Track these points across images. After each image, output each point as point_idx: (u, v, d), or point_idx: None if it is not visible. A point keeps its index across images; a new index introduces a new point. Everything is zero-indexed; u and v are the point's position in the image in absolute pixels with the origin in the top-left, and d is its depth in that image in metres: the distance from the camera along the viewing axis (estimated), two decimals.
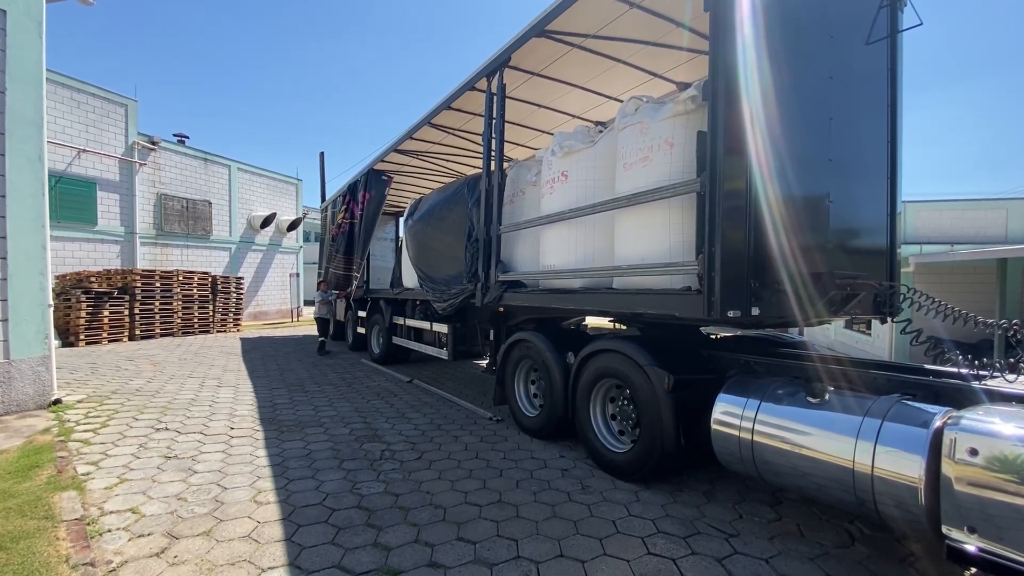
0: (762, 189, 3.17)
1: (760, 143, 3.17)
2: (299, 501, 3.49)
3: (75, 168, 12.89)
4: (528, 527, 3.20)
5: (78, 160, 12.96)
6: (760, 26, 3.21)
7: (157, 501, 3.44)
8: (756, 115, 3.15)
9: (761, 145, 3.17)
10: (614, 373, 4.12)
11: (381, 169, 9.59)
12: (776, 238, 3.26)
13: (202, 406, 6.09)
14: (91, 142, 13.24)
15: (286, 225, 19.81)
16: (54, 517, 3.10)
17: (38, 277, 5.62)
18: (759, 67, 3.18)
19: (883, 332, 11.88)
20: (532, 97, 6.34)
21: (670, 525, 3.26)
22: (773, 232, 3.24)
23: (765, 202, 3.19)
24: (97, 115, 13.42)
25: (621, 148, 4.05)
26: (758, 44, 3.18)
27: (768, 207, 3.20)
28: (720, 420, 3.34)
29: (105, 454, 4.33)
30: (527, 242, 5.41)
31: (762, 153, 3.18)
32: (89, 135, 13.22)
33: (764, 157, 3.19)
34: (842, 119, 3.75)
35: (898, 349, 11.31)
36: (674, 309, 3.47)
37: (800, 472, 2.88)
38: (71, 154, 12.79)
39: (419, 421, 5.63)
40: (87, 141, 13.14)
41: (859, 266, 3.83)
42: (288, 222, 19.86)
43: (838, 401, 2.88)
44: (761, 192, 3.17)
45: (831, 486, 2.74)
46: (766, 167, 3.21)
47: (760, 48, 3.19)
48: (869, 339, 12.79)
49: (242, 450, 4.53)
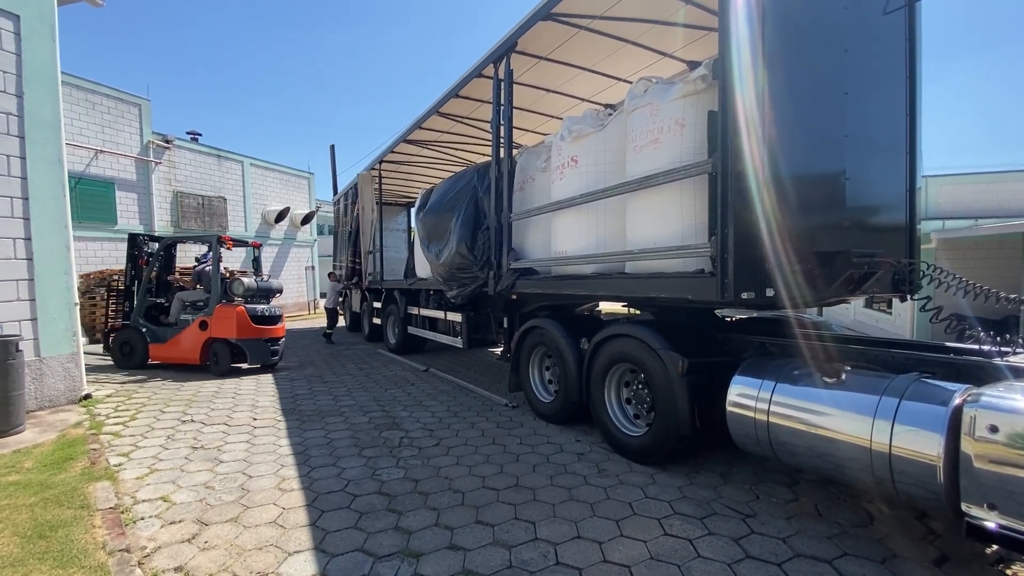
0: (775, 168, 3.12)
1: (773, 121, 3.11)
2: (322, 488, 3.59)
3: (93, 169, 13.13)
4: (545, 510, 3.24)
5: (96, 161, 13.19)
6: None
7: (186, 490, 3.56)
8: (768, 92, 3.08)
9: (774, 123, 3.11)
10: (628, 358, 4.12)
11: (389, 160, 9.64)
12: (791, 217, 3.22)
13: (225, 398, 6.25)
14: (107, 143, 13.45)
15: (300, 219, 19.99)
16: (89, 506, 3.23)
17: (63, 276, 5.77)
18: (770, 43, 3.10)
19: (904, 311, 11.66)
20: (540, 82, 6.28)
21: (687, 507, 3.28)
22: (787, 211, 3.19)
23: (779, 181, 3.14)
24: (112, 116, 13.61)
25: (631, 131, 4.00)
26: (768, 19, 3.10)
27: (782, 186, 3.15)
28: (735, 402, 3.33)
29: (135, 446, 4.48)
30: (538, 229, 5.40)
31: (775, 131, 3.12)
32: (105, 136, 13.42)
33: (777, 135, 3.13)
34: (858, 93, 3.65)
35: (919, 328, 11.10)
36: (687, 292, 3.46)
37: (817, 452, 2.88)
38: (89, 155, 13.02)
39: (436, 409, 5.71)
40: (103, 142, 13.36)
41: (877, 244, 3.76)
42: (302, 216, 20.03)
43: (855, 380, 2.86)
44: (774, 171, 3.12)
45: (849, 466, 2.73)
46: (779, 145, 3.15)
47: (771, 23, 3.12)
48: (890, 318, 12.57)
49: (265, 439, 4.65)
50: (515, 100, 5.58)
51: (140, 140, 14.29)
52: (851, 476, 2.76)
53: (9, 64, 5.36)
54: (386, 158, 9.63)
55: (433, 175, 10.84)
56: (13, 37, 5.40)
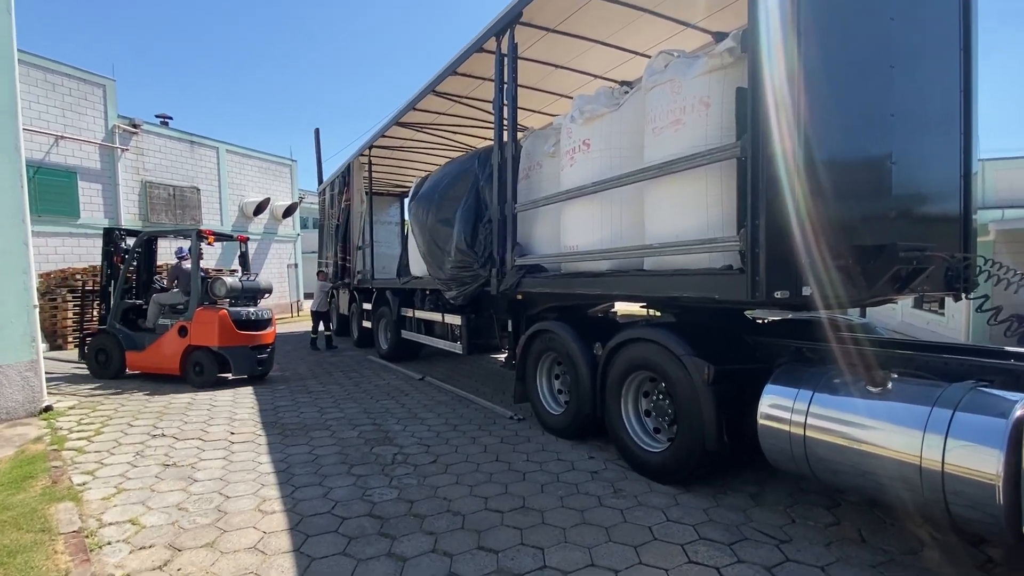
0: (812, 151, 3.10)
1: (809, 98, 3.09)
2: (307, 509, 3.61)
3: (53, 157, 13.25)
4: (555, 534, 3.25)
5: (56, 148, 13.31)
6: None
7: (157, 511, 3.59)
8: (804, 66, 3.06)
9: (810, 101, 3.09)
10: (647, 364, 4.12)
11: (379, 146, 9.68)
12: (829, 207, 3.20)
13: (200, 410, 6.29)
14: (69, 127, 13.57)
15: (281, 211, 20.11)
16: (51, 530, 3.26)
17: (21, 276, 5.83)
18: (806, 10, 3.08)
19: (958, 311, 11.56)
20: (547, 57, 6.27)
21: (713, 531, 3.28)
22: (826, 200, 3.17)
23: (816, 166, 3.12)
24: (74, 98, 13.73)
25: (650, 110, 4.00)
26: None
27: (819, 172, 3.13)
28: (768, 414, 3.32)
29: (101, 463, 4.52)
30: (546, 221, 5.40)
31: (811, 110, 3.10)
32: (67, 120, 13.54)
33: (814, 114, 3.11)
34: (906, 66, 3.63)
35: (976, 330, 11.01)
36: (714, 291, 3.45)
37: (860, 470, 2.86)
38: (48, 142, 13.14)
39: (433, 422, 5.73)
40: (65, 127, 13.47)
41: (928, 236, 3.73)
42: (283, 207, 20.15)
43: (903, 390, 2.84)
44: (811, 155, 3.10)
45: (895, 485, 2.71)
46: (816, 126, 3.13)
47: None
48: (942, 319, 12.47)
49: (244, 456, 4.68)
50: (520, 77, 5.59)
51: (105, 125, 14.41)
52: (898, 497, 2.75)
53: None
54: (376, 143, 9.66)
55: (429, 162, 10.87)
56: None
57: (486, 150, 6.37)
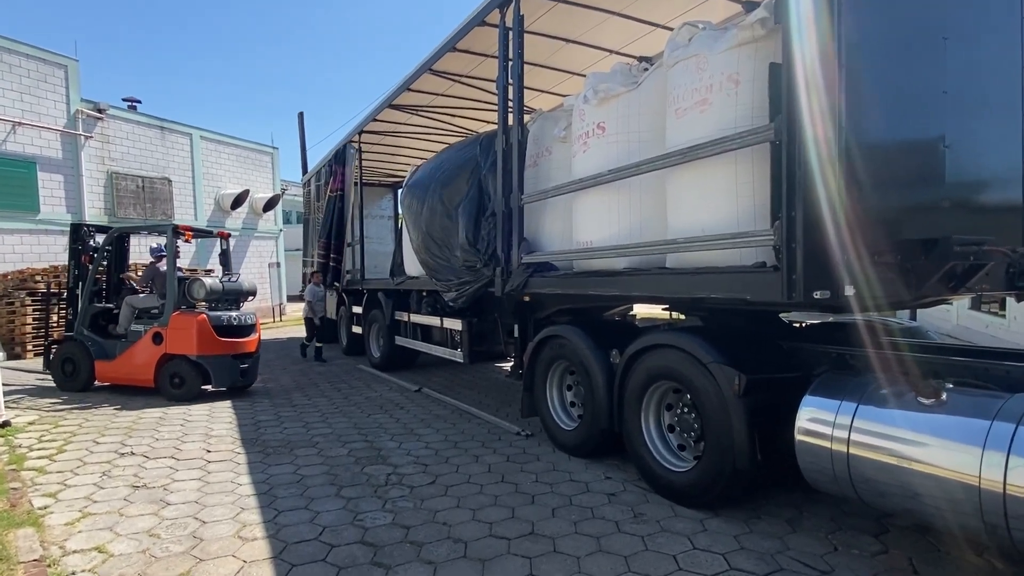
0: (854, 134, 3.09)
1: (851, 75, 3.07)
2: (291, 536, 3.62)
3: (10, 145, 13.37)
4: (568, 564, 3.25)
5: (13, 136, 13.43)
6: None
7: (126, 538, 3.61)
8: (845, 39, 3.05)
9: (852, 78, 3.08)
10: (671, 374, 4.11)
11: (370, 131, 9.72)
12: (874, 197, 3.18)
13: (172, 425, 6.33)
14: (27, 113, 13.69)
15: (262, 204, 20.20)
16: (10, 558, 3.29)
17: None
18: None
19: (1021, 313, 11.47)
20: (558, 30, 6.28)
21: (746, 560, 3.27)
22: (870, 189, 3.16)
23: (859, 151, 3.10)
24: (33, 80, 13.86)
25: (672, 89, 3.99)
26: None
27: (863, 157, 3.12)
28: (807, 429, 3.31)
29: (64, 484, 4.56)
30: (556, 214, 5.40)
31: (854, 88, 3.09)
32: (24, 104, 13.67)
33: (857, 93, 3.10)
34: (960, 38, 3.60)
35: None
36: (745, 291, 3.44)
37: (910, 492, 2.84)
38: (5, 129, 13.27)
39: (431, 438, 5.74)
40: (22, 112, 13.60)
41: (986, 229, 3.70)
42: (264, 200, 20.24)
43: (958, 401, 2.82)
44: (853, 138, 3.08)
45: (950, 509, 2.70)
46: (859, 106, 3.12)
47: None
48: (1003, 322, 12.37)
49: (222, 476, 4.71)
50: (527, 54, 5.60)
51: (67, 109, 14.53)
52: (954, 522, 2.73)
53: None
54: (367, 128, 9.71)
55: (425, 148, 10.91)
56: None
57: (489, 135, 6.38)
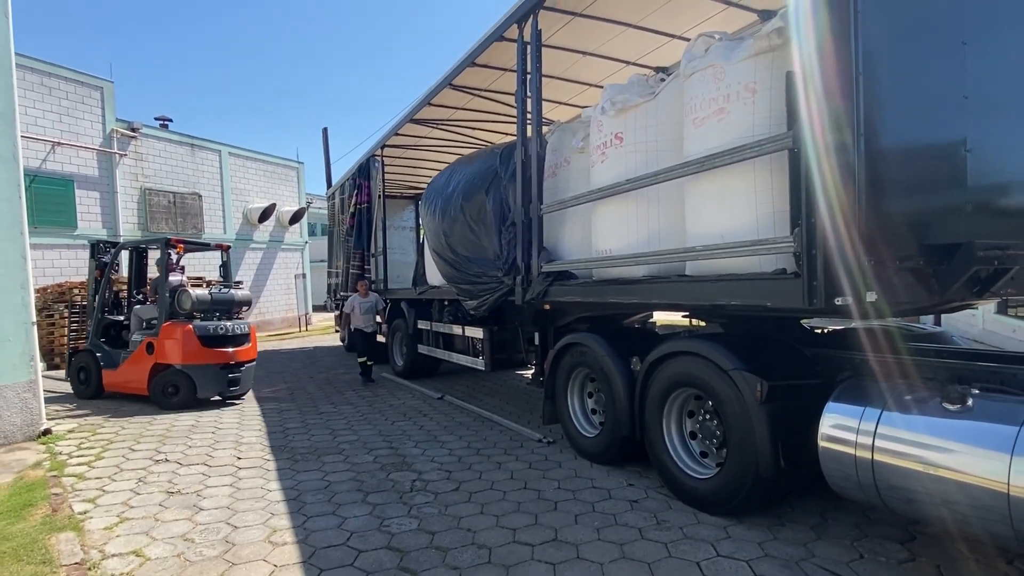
0: (874, 140, 3.06)
1: (868, 82, 3.05)
2: (320, 541, 3.66)
3: (50, 164, 13.79)
4: (591, 571, 3.24)
5: (53, 155, 13.86)
6: None
7: (162, 542, 3.69)
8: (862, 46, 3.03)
9: (870, 84, 3.05)
10: (692, 381, 4.09)
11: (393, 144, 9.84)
12: (895, 202, 3.15)
13: (204, 433, 6.44)
14: (66, 133, 14.12)
15: (288, 217, 20.52)
16: (52, 561, 3.38)
17: (19, 291, 6.08)
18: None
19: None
20: (575, 43, 6.32)
21: (770, 568, 3.22)
22: (891, 195, 3.13)
23: (878, 157, 3.07)
24: (71, 101, 14.29)
25: (689, 99, 3.99)
26: None
27: (883, 163, 3.09)
28: (830, 435, 3.26)
29: (102, 490, 4.66)
30: (576, 223, 5.41)
31: (871, 94, 3.06)
32: (64, 125, 14.09)
33: (874, 99, 3.07)
34: (980, 41, 3.55)
35: None
36: (765, 298, 3.41)
37: (937, 499, 2.79)
38: (45, 148, 13.69)
39: (454, 445, 5.76)
40: (61, 132, 14.02)
41: (1011, 233, 3.63)
42: (290, 213, 20.56)
43: (985, 407, 2.77)
44: (873, 144, 3.05)
45: (979, 516, 2.64)
46: (878, 111, 3.09)
47: None
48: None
49: (252, 483, 4.78)
50: (544, 67, 5.63)
51: (102, 129, 14.95)
52: (983, 529, 2.67)
53: None
54: (389, 142, 9.82)
55: (445, 161, 10.98)
56: None
57: (508, 146, 6.42)
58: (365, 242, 11.07)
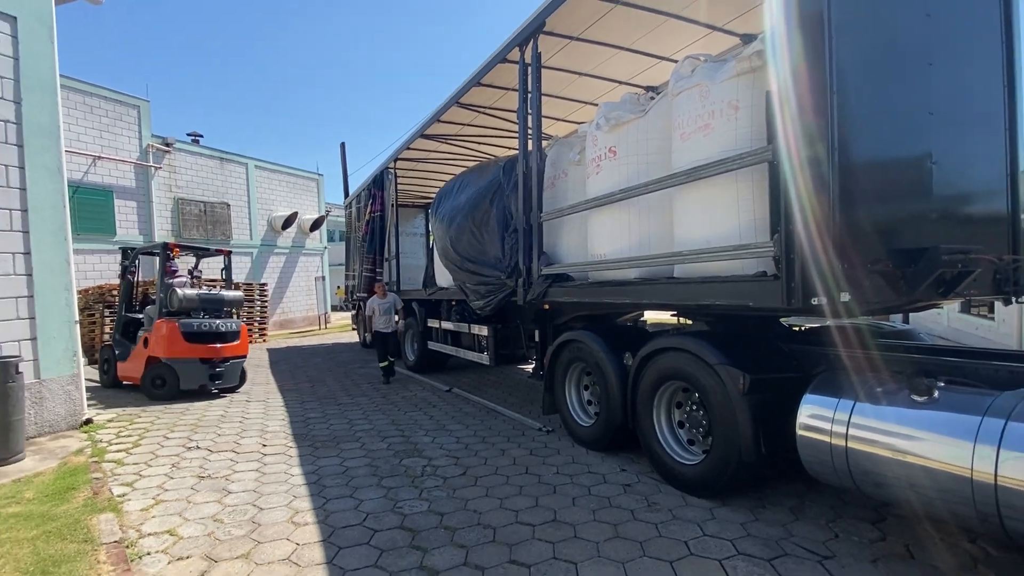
0: (847, 153, 3.07)
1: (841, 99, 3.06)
2: (338, 521, 3.67)
3: (91, 176, 13.88)
4: (588, 549, 3.24)
5: (94, 168, 13.94)
6: None
7: (193, 523, 3.70)
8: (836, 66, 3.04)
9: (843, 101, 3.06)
10: (680, 374, 4.09)
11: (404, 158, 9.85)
12: (867, 210, 3.16)
13: (232, 422, 6.46)
14: (106, 148, 14.20)
15: (309, 224, 20.58)
16: (93, 540, 3.39)
17: (63, 293, 6.11)
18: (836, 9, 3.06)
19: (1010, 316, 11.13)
20: (571, 65, 6.33)
21: (752, 546, 3.22)
22: (862, 203, 3.13)
23: (851, 168, 3.08)
24: (110, 119, 14.37)
25: (677, 116, 4.00)
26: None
27: (855, 174, 3.10)
28: (807, 424, 3.26)
29: (139, 475, 4.68)
30: (573, 229, 5.42)
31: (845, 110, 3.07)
32: (104, 140, 14.18)
33: (848, 115, 3.08)
34: (944, 63, 3.56)
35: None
36: (747, 298, 3.42)
37: (906, 483, 2.78)
38: (87, 162, 13.77)
39: (461, 433, 5.77)
40: (102, 147, 14.11)
41: (973, 238, 3.64)
42: (311, 221, 20.61)
43: (950, 399, 2.76)
44: (845, 157, 3.06)
45: (945, 499, 2.64)
46: (851, 127, 3.10)
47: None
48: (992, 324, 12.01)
49: (276, 468, 4.79)
50: (544, 86, 5.64)
51: (139, 144, 15.02)
52: (948, 511, 2.67)
53: (6, 69, 5.74)
54: (401, 155, 9.84)
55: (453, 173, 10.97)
56: (10, 40, 5.79)
57: (511, 159, 6.44)
58: (379, 247, 11.11)
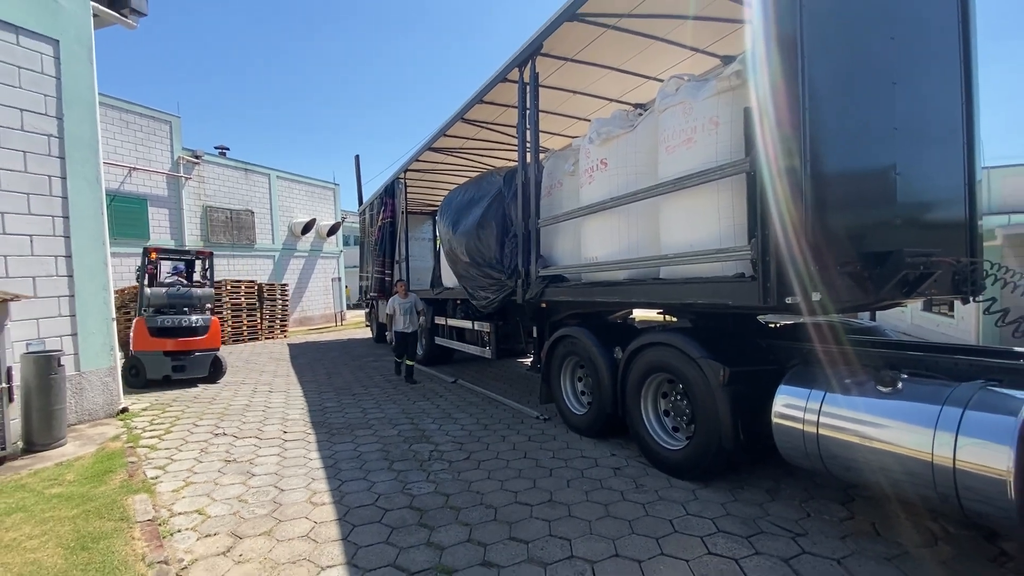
0: (818, 165, 3.07)
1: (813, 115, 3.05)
2: (353, 502, 3.67)
3: (127, 186, 13.86)
4: (581, 526, 3.23)
5: (129, 178, 13.92)
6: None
7: (220, 503, 3.70)
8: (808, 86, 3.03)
9: (815, 117, 3.06)
10: (665, 367, 4.08)
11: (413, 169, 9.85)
12: (836, 216, 3.15)
13: (256, 411, 6.45)
14: (140, 160, 14.18)
15: (326, 230, 20.54)
16: (129, 519, 3.39)
17: (102, 292, 6.10)
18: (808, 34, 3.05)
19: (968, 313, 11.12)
20: (566, 84, 6.33)
21: (731, 524, 3.22)
22: (833, 210, 3.13)
23: (822, 178, 3.08)
24: (144, 133, 14.36)
25: (663, 131, 4.00)
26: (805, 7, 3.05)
27: (826, 184, 3.09)
28: (782, 413, 3.26)
29: (171, 459, 4.68)
30: (567, 235, 5.41)
31: (816, 126, 3.06)
32: (138, 153, 14.16)
33: (819, 130, 3.08)
34: (907, 82, 3.55)
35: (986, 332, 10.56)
36: (727, 298, 3.41)
37: (872, 467, 2.78)
38: (123, 173, 13.75)
39: (466, 421, 5.76)
40: (137, 159, 14.09)
41: (934, 242, 3.63)
42: (328, 227, 20.58)
43: (913, 389, 2.76)
44: (817, 168, 3.06)
45: (908, 481, 2.63)
46: (821, 141, 3.09)
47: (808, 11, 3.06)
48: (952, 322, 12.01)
49: (296, 453, 4.79)
50: (541, 103, 5.64)
51: (171, 156, 15.00)
52: (911, 492, 2.66)
53: (49, 87, 5.73)
54: (411, 167, 9.83)
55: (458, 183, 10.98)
56: (53, 61, 5.79)
57: (510, 170, 6.43)
58: (389, 250, 11.10)
